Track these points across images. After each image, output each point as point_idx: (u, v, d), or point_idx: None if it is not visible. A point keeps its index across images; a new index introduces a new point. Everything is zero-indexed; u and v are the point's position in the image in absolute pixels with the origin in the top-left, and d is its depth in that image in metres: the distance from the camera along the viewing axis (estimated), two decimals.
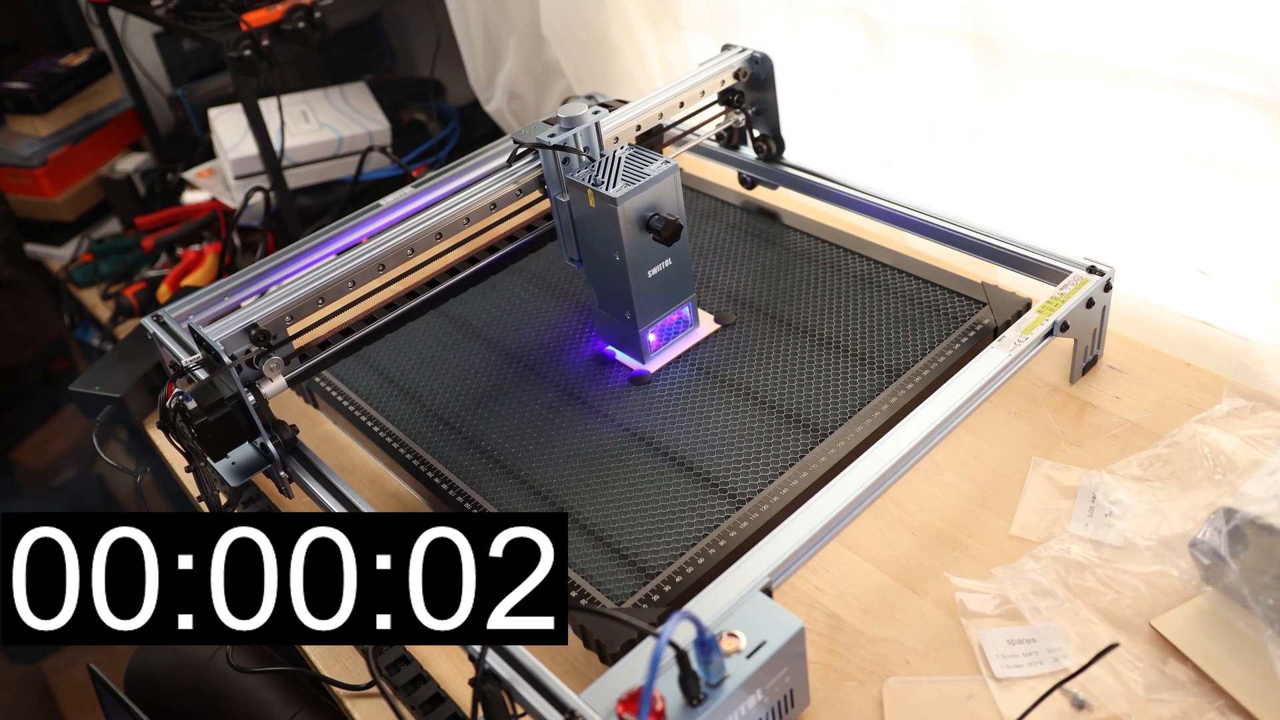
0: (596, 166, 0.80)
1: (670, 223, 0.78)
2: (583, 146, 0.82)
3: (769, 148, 1.02)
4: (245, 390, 0.72)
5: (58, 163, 1.70)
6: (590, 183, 0.78)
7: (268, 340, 0.74)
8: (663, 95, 0.92)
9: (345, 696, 0.71)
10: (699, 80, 0.94)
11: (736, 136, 1.05)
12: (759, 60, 0.97)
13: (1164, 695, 0.59)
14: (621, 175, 0.79)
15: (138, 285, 1.46)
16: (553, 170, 0.82)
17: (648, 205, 0.79)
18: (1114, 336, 0.85)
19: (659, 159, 0.80)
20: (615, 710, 0.53)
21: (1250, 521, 0.60)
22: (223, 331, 0.72)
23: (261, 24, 1.28)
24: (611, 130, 0.88)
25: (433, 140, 1.58)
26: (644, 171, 0.79)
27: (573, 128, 0.81)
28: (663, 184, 0.79)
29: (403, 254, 0.81)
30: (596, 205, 0.78)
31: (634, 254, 0.80)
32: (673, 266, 0.84)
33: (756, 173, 1.05)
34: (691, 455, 0.79)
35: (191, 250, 1.51)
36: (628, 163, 0.80)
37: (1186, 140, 0.83)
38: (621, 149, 0.82)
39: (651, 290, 0.83)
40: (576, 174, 0.80)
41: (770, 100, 0.99)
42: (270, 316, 0.74)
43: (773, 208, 1.06)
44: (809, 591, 0.70)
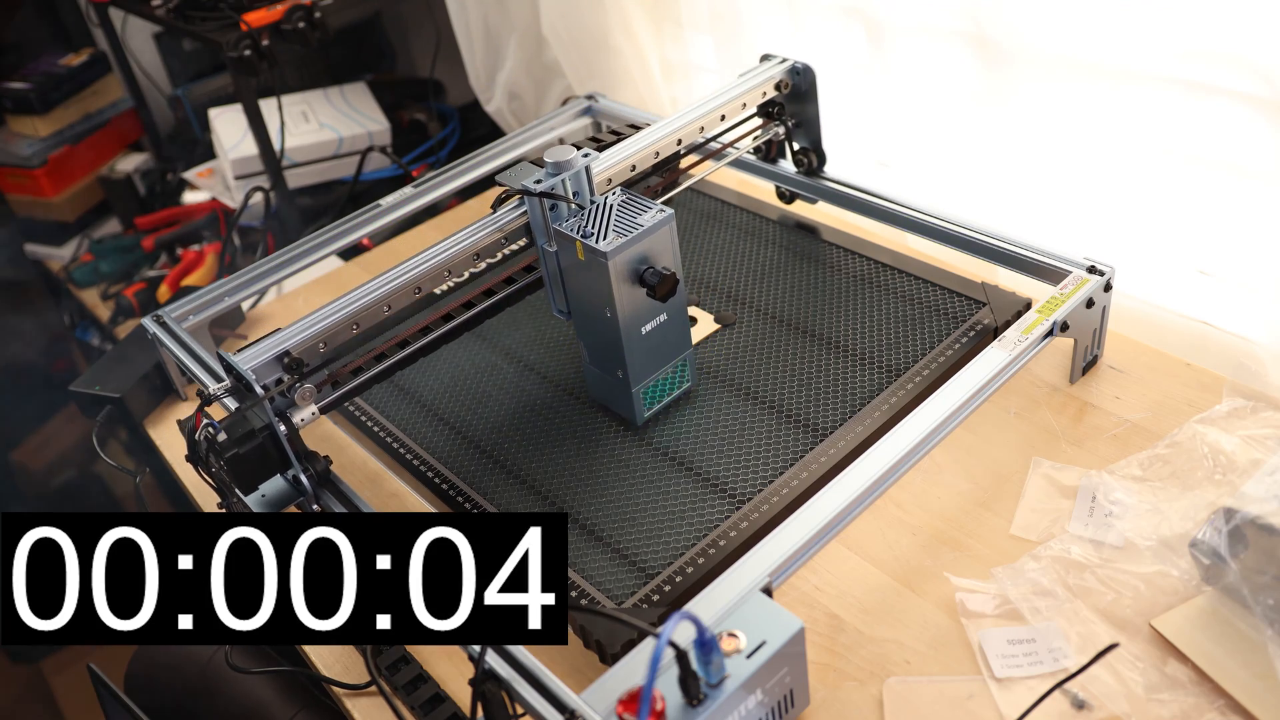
0: (586, 215, 0.75)
1: (666, 277, 0.73)
2: (571, 192, 0.77)
3: (810, 161, 0.98)
4: (277, 420, 0.69)
5: (58, 163, 1.70)
6: (579, 234, 0.73)
7: (300, 368, 0.70)
8: (701, 110, 0.89)
9: (345, 696, 0.71)
10: (739, 93, 0.91)
11: (775, 150, 1.02)
12: (801, 71, 0.94)
13: (1164, 695, 0.59)
14: (613, 225, 0.73)
15: (138, 285, 1.46)
16: (539, 218, 0.76)
17: (641, 258, 0.73)
18: (1114, 336, 0.85)
19: (653, 207, 0.74)
20: (615, 710, 0.53)
21: (1250, 521, 0.60)
22: (254, 360, 0.69)
23: (261, 24, 1.28)
24: (604, 172, 0.82)
25: (433, 140, 1.59)
26: (637, 221, 0.73)
27: (560, 173, 0.76)
28: (657, 235, 0.73)
29: (439, 276, 0.77)
30: (586, 258, 0.73)
31: (626, 310, 0.74)
32: (668, 321, 0.78)
33: (796, 187, 1.01)
34: (691, 455, 0.79)
35: (191, 250, 1.51)
36: (619, 211, 0.74)
37: (1186, 140, 0.83)
38: (613, 195, 0.76)
39: (645, 347, 0.78)
40: (564, 223, 0.75)
41: (812, 112, 0.96)
42: (304, 343, 0.71)
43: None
44: (809, 591, 0.70)
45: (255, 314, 1.12)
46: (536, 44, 1.43)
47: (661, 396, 0.82)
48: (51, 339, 1.89)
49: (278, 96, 1.41)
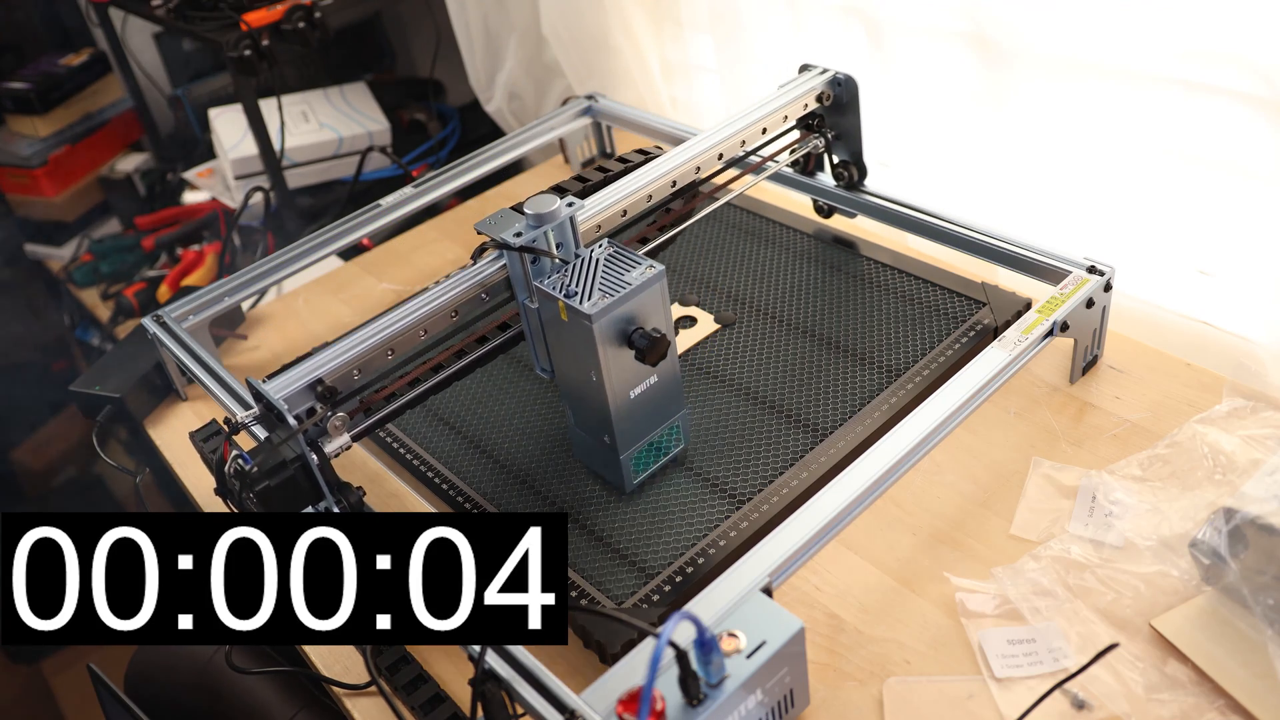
0: (570, 271, 0.69)
1: (656, 341, 0.67)
2: (555, 244, 0.71)
3: (850, 174, 0.95)
4: (309, 450, 0.66)
5: (58, 163, 1.70)
6: (561, 292, 0.67)
7: (334, 396, 0.68)
8: (737, 124, 0.87)
9: (345, 696, 0.71)
10: (779, 105, 0.89)
11: (813, 162, 0.98)
12: (842, 82, 0.91)
13: (1164, 695, 0.59)
14: (599, 283, 0.67)
15: (138, 285, 1.47)
16: (519, 273, 0.71)
17: (629, 318, 0.67)
18: (1114, 336, 0.85)
19: (643, 263, 0.69)
20: (615, 710, 0.53)
21: (1250, 521, 0.60)
22: (286, 388, 0.66)
23: (261, 24, 1.28)
24: (592, 219, 0.77)
25: (433, 140, 1.59)
26: (624, 279, 0.67)
27: (542, 225, 0.70)
28: (647, 294, 0.68)
29: (478, 299, 0.74)
30: (569, 319, 0.67)
31: (613, 374, 0.68)
32: (659, 383, 0.72)
33: (835, 201, 0.98)
34: (691, 455, 0.79)
35: (191, 250, 1.51)
36: (606, 267, 0.69)
37: (1186, 140, 0.83)
38: (601, 248, 0.71)
39: (634, 411, 0.72)
40: (547, 279, 0.69)
41: (853, 124, 0.92)
42: (337, 370, 0.68)
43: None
44: (809, 591, 0.70)
45: (255, 314, 1.12)
46: (536, 44, 1.43)
47: (651, 462, 0.76)
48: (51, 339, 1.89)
49: (278, 96, 1.41)
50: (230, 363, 1.05)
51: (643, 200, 0.81)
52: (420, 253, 1.18)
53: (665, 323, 0.70)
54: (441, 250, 1.17)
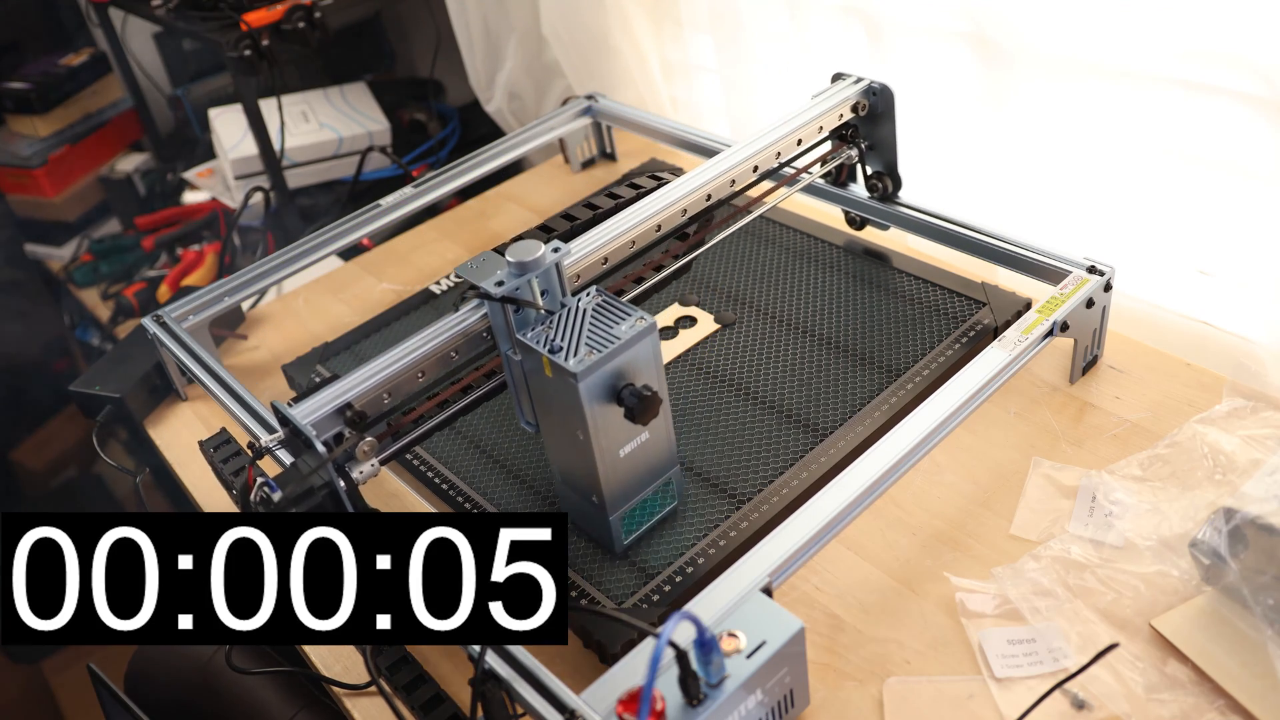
0: (555, 322, 0.65)
1: (646, 399, 0.63)
2: (539, 291, 0.66)
3: (884, 186, 0.92)
4: (337, 477, 0.64)
5: (58, 163, 1.70)
6: (545, 347, 0.63)
7: (363, 421, 0.65)
8: (771, 136, 0.84)
9: (345, 696, 0.71)
10: (812, 116, 0.86)
11: (845, 173, 0.95)
12: (878, 92, 0.88)
13: (1164, 695, 0.59)
14: (585, 337, 0.63)
15: (138, 285, 1.47)
16: (501, 323, 0.66)
17: (618, 374, 0.63)
18: (1114, 336, 0.85)
19: (633, 314, 0.64)
20: (615, 710, 0.53)
21: (1250, 521, 0.60)
22: (313, 413, 0.63)
23: (261, 24, 1.28)
24: (580, 264, 0.73)
25: (433, 140, 1.59)
26: (613, 333, 0.63)
27: (525, 273, 0.65)
28: (638, 348, 0.63)
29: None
30: (554, 375, 0.63)
31: (600, 432, 0.64)
32: (650, 440, 0.68)
33: (867, 212, 0.95)
34: (691, 455, 0.79)
35: (191, 250, 1.51)
36: (594, 319, 0.64)
37: (1186, 140, 0.83)
38: (588, 296, 0.66)
39: (624, 471, 0.68)
40: (530, 331, 0.64)
41: (888, 135, 0.90)
42: (367, 394, 0.65)
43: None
44: (809, 591, 0.70)
45: (255, 314, 1.12)
46: (536, 44, 1.43)
47: (642, 521, 0.72)
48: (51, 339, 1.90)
49: (278, 96, 1.42)
50: (230, 363, 1.05)
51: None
52: (420, 253, 1.18)
53: (657, 378, 0.65)
54: (441, 250, 1.17)
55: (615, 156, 1.26)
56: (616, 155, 1.26)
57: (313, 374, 0.95)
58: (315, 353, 0.98)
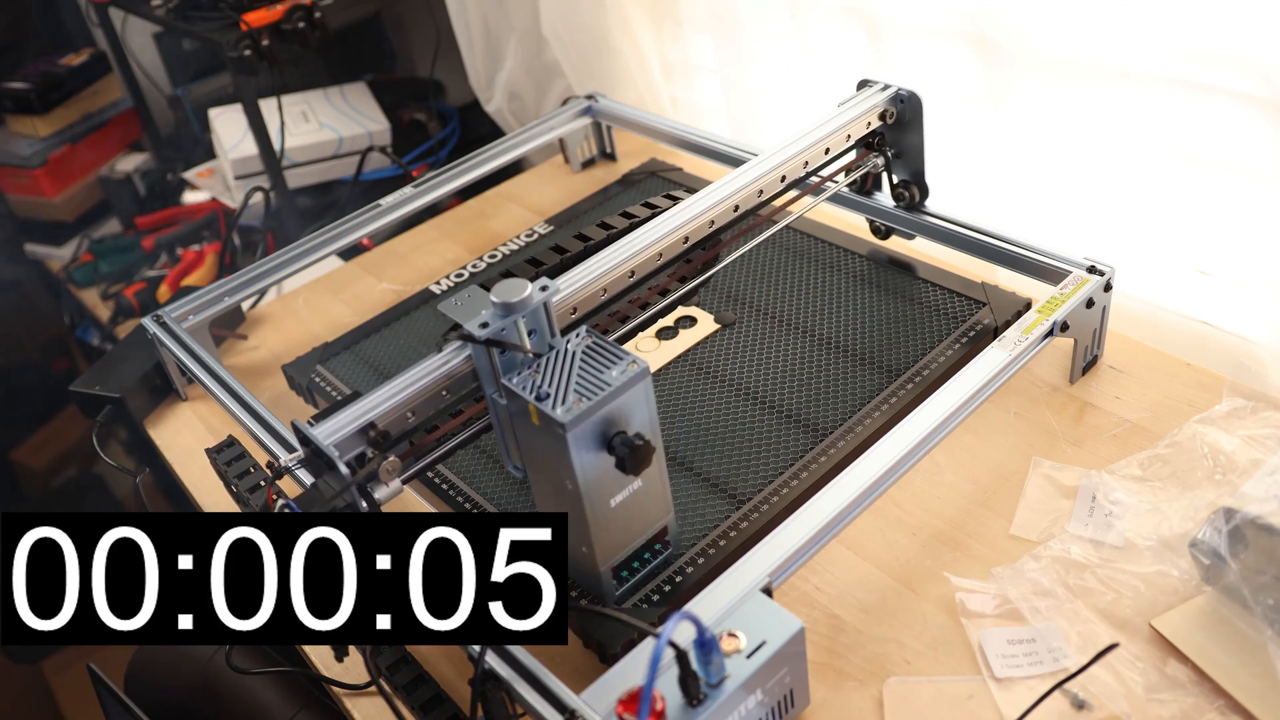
0: (543, 367, 0.61)
1: (638, 448, 0.59)
2: (527, 331, 0.63)
3: (911, 195, 0.90)
4: (360, 498, 0.62)
5: (58, 163, 1.70)
6: (532, 394, 0.59)
7: (388, 441, 0.63)
8: (798, 145, 0.82)
9: (345, 696, 0.71)
10: (839, 125, 0.84)
11: (870, 182, 0.93)
12: (905, 99, 0.86)
13: (1164, 695, 0.59)
14: (574, 383, 0.59)
15: (138, 285, 1.47)
16: (486, 366, 0.63)
17: (609, 421, 0.59)
18: (1114, 336, 0.85)
19: (625, 358, 0.60)
20: (615, 710, 0.53)
21: (1250, 521, 0.60)
22: (336, 433, 0.61)
23: (261, 24, 1.28)
24: (569, 299, 0.69)
25: (433, 140, 1.59)
26: (603, 379, 0.59)
27: (511, 314, 0.61)
28: (629, 395, 0.60)
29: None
30: (541, 423, 0.59)
31: (591, 482, 0.60)
32: (644, 489, 0.64)
33: (893, 221, 0.93)
34: (691, 455, 0.79)
35: (191, 250, 1.51)
36: (584, 362, 0.61)
37: (1186, 140, 0.83)
38: (578, 338, 0.63)
39: (616, 521, 0.64)
40: (516, 376, 0.61)
41: (915, 143, 0.88)
42: (391, 413, 0.63)
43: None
44: (809, 591, 0.70)
45: (255, 314, 1.12)
46: (536, 44, 1.43)
47: (637, 570, 0.69)
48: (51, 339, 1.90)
49: (278, 96, 1.42)
50: (230, 363, 1.05)
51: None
52: (420, 253, 1.18)
53: (650, 426, 0.62)
54: (441, 250, 1.17)
55: (615, 156, 1.26)
56: (616, 155, 1.26)
57: (312, 374, 0.95)
58: (315, 353, 0.98)
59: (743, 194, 0.80)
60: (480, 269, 1.07)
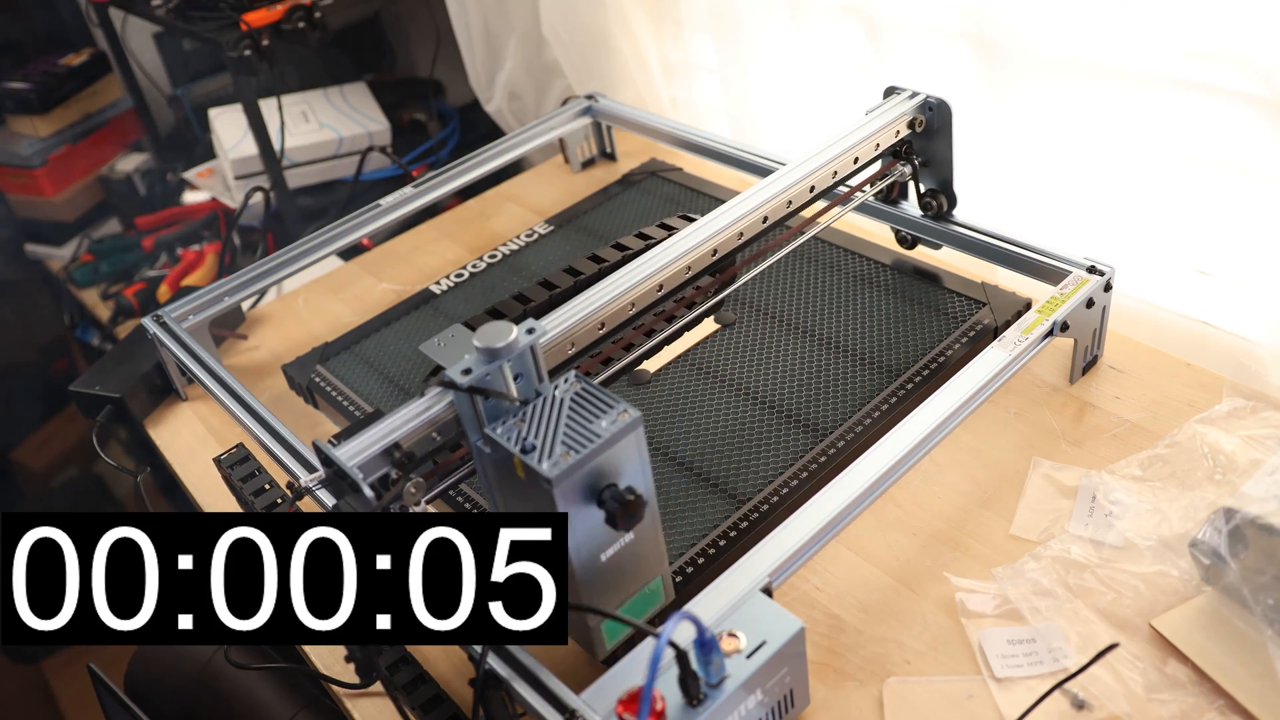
0: (529, 415, 0.57)
1: (629, 504, 0.55)
2: (513, 376, 0.58)
3: (939, 204, 0.88)
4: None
5: (58, 163, 1.70)
6: (517, 445, 0.55)
7: (412, 462, 0.61)
8: (826, 155, 0.80)
9: (345, 696, 0.71)
10: (868, 134, 0.82)
11: (896, 191, 0.91)
12: (934, 107, 0.84)
13: (1164, 695, 0.59)
14: (562, 434, 0.55)
15: (138, 285, 1.47)
16: (470, 414, 0.58)
17: (598, 475, 0.55)
18: (1114, 336, 0.85)
19: (616, 406, 0.56)
20: (615, 710, 0.53)
21: (1250, 521, 0.60)
22: (359, 454, 0.59)
23: (261, 24, 1.28)
24: (558, 340, 0.66)
25: (433, 140, 1.59)
26: (593, 430, 0.55)
27: (495, 360, 0.57)
28: (621, 446, 0.55)
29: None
30: (527, 477, 0.56)
31: (579, 537, 0.57)
32: (636, 542, 0.59)
33: (920, 231, 0.91)
34: (691, 455, 0.79)
35: (191, 250, 1.51)
36: (573, 410, 0.57)
37: (1186, 140, 0.83)
38: (566, 384, 0.58)
39: (606, 576, 0.59)
40: (501, 426, 0.57)
41: (944, 151, 0.86)
42: (416, 432, 0.61)
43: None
44: (809, 591, 0.70)
45: (255, 314, 1.12)
46: (536, 44, 1.43)
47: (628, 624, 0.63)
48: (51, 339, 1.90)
49: (278, 96, 1.42)
50: (230, 363, 1.05)
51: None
52: (420, 253, 1.18)
53: (642, 478, 0.58)
54: (441, 250, 1.17)
55: (615, 156, 1.26)
56: (616, 155, 1.26)
57: (312, 374, 0.95)
58: (315, 353, 0.98)
59: (771, 205, 0.78)
60: (480, 269, 1.07)
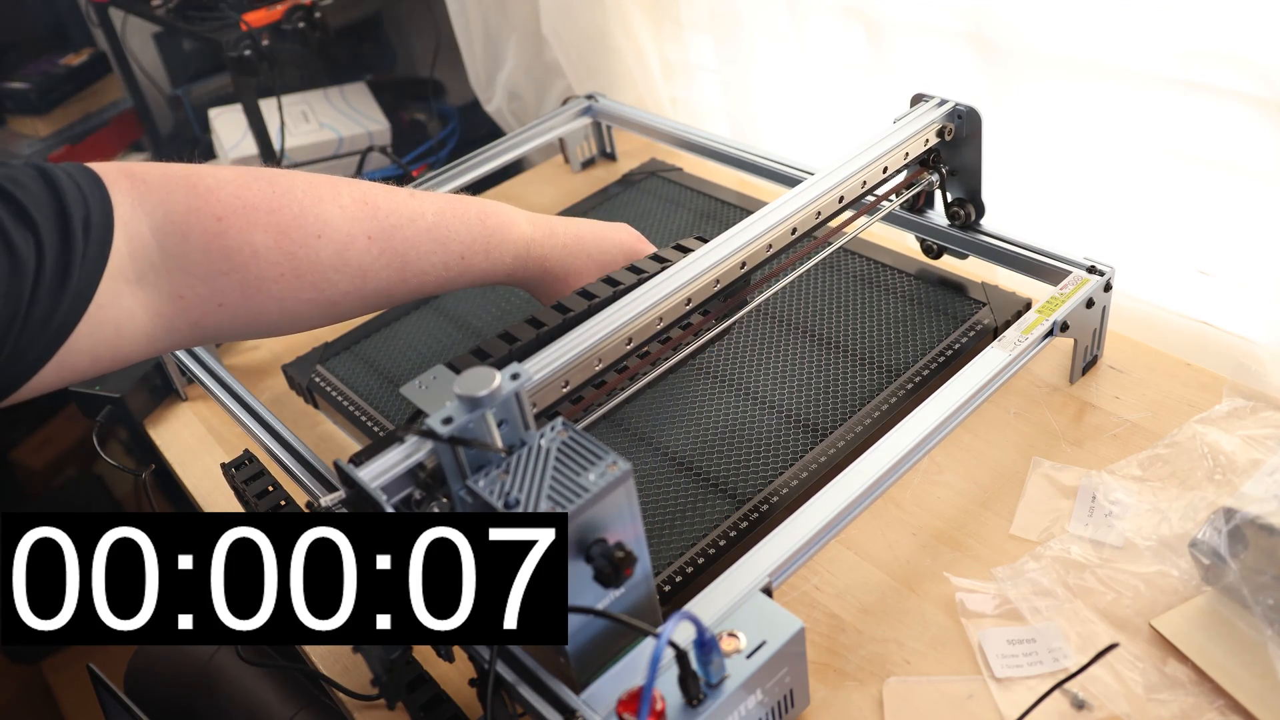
0: (513, 466, 0.53)
1: (620, 560, 0.52)
2: (496, 424, 0.55)
3: (966, 214, 0.87)
4: None
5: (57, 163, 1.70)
6: (500, 500, 0.52)
7: (437, 481, 0.58)
8: (854, 165, 0.79)
9: (345, 697, 0.71)
10: (896, 143, 0.81)
11: (923, 199, 0.90)
12: (964, 115, 0.83)
13: (1164, 695, 0.59)
14: (548, 488, 0.52)
15: None
16: (452, 464, 0.55)
17: (587, 529, 0.52)
18: (1114, 336, 0.85)
19: (605, 457, 0.53)
20: (615, 710, 0.53)
21: (1250, 521, 0.60)
22: (383, 475, 0.56)
23: (261, 24, 1.28)
24: (547, 382, 0.63)
25: (433, 140, 1.59)
26: (580, 482, 0.51)
27: (478, 409, 0.53)
28: (610, 499, 0.52)
29: (590, 365, 0.66)
30: None
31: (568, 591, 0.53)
32: (628, 596, 0.56)
33: (947, 241, 0.90)
34: (691, 455, 0.79)
35: None
36: (559, 461, 0.53)
37: (1187, 140, 0.83)
38: (553, 432, 0.55)
39: (596, 633, 0.56)
40: (484, 479, 0.53)
41: (973, 159, 0.85)
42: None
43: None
44: (809, 591, 0.70)
45: None
46: (536, 44, 1.43)
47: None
48: None
49: (278, 96, 1.42)
50: (230, 363, 1.05)
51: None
52: None
53: (633, 532, 0.55)
54: None
55: (615, 156, 1.26)
56: (616, 155, 1.26)
57: (312, 374, 0.95)
58: (315, 353, 0.98)
59: (801, 215, 0.76)
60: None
